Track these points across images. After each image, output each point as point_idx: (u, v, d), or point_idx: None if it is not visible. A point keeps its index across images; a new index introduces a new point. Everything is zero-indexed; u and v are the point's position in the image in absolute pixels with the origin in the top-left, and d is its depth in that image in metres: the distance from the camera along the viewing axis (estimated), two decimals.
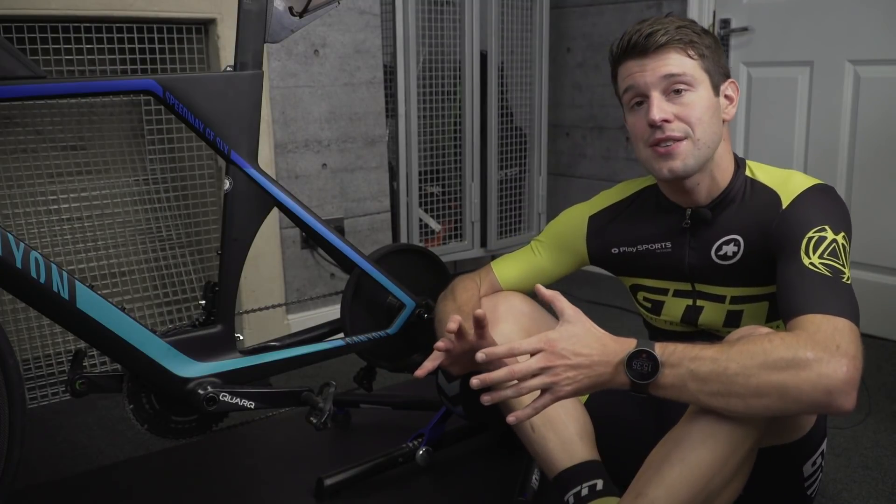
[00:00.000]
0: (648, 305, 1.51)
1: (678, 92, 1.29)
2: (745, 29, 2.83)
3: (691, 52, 1.29)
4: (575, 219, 1.54)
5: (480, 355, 1.14)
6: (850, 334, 1.08)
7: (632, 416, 1.46)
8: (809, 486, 1.35)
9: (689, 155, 1.30)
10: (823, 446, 1.35)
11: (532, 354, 1.14)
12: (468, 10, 3.01)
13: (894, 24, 2.43)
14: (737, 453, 1.13)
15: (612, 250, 1.50)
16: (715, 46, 1.33)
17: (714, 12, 2.91)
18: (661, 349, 1.11)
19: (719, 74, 1.33)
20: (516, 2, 3.19)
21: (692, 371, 1.09)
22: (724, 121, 1.35)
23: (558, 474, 1.34)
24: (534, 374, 1.13)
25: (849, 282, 1.18)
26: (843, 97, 2.58)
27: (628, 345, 1.14)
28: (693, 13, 2.95)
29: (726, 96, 1.35)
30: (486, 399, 1.16)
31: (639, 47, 1.29)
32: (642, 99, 1.31)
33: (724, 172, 1.37)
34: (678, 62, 1.28)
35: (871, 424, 1.95)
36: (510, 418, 1.17)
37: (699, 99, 1.29)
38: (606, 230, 1.50)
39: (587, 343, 1.14)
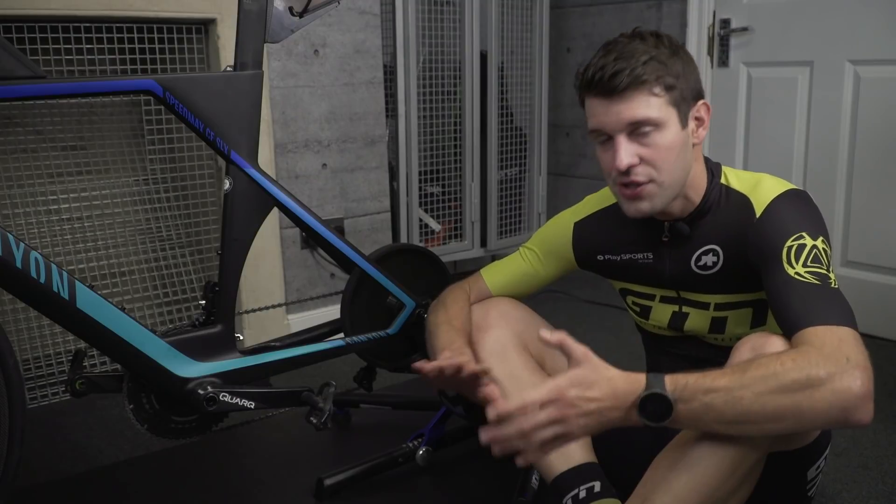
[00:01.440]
0: (637, 309, 1.51)
1: (644, 133, 1.24)
2: (745, 29, 2.83)
3: (657, 90, 1.23)
4: (561, 226, 1.54)
5: (492, 415, 1.10)
6: (855, 343, 1.07)
7: None
8: (810, 489, 1.36)
9: (655, 196, 1.28)
10: (827, 450, 1.35)
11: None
12: (468, 10, 3.01)
13: (894, 24, 2.43)
14: (745, 462, 1.13)
15: (598, 257, 1.49)
16: (686, 68, 1.27)
17: (714, 12, 2.91)
18: (672, 385, 1.07)
19: (689, 101, 1.27)
20: (516, 2, 3.19)
21: (707, 404, 1.05)
22: (694, 145, 1.30)
23: (556, 477, 1.34)
24: (546, 425, 1.09)
25: (836, 286, 1.17)
26: (843, 97, 2.58)
27: (639, 384, 1.08)
28: (693, 13, 2.94)
29: (697, 118, 1.30)
30: (497, 452, 1.12)
31: (602, 88, 1.23)
32: (608, 137, 1.27)
33: (697, 189, 1.34)
34: (644, 105, 1.22)
35: (871, 424, 1.93)
36: (519, 461, 1.12)
37: (664, 139, 1.24)
38: (591, 237, 1.50)
39: (598, 386, 1.09)
